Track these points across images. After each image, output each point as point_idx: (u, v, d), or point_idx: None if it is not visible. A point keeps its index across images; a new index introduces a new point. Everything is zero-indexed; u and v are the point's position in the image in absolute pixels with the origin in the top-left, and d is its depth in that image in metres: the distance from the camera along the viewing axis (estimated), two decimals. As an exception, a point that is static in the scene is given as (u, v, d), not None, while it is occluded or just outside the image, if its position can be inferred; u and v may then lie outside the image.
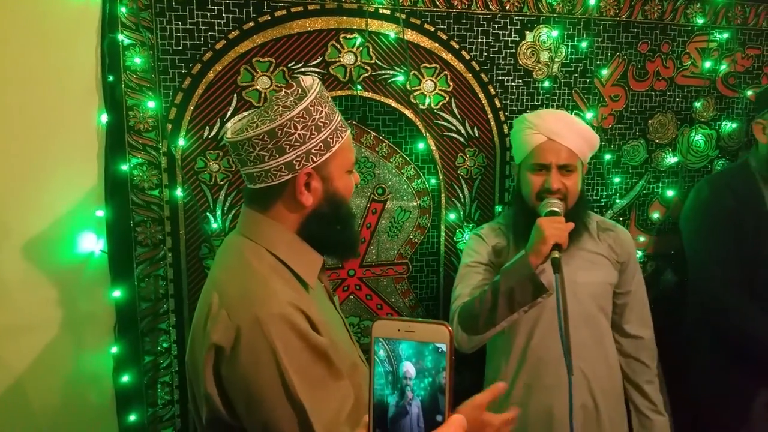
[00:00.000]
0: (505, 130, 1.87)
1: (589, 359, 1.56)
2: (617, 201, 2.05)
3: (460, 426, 0.48)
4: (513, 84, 1.87)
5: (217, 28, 1.58)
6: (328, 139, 1.05)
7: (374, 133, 1.78)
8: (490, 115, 1.86)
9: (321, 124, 1.04)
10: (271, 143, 1.01)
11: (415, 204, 1.86)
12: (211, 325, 0.96)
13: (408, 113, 1.78)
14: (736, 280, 1.76)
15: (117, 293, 1.57)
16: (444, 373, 0.48)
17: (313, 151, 1.04)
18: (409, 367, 0.48)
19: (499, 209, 1.92)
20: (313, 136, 1.03)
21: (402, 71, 1.74)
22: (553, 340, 1.53)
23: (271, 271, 1.02)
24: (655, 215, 2.10)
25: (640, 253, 2.10)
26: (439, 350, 0.48)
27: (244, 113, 1.14)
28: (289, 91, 1.05)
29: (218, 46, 1.59)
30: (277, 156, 1.02)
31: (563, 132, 1.54)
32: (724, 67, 2.08)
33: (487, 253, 1.64)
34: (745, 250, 1.74)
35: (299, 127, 1.01)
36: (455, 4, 1.76)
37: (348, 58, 1.70)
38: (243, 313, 0.94)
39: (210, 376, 0.96)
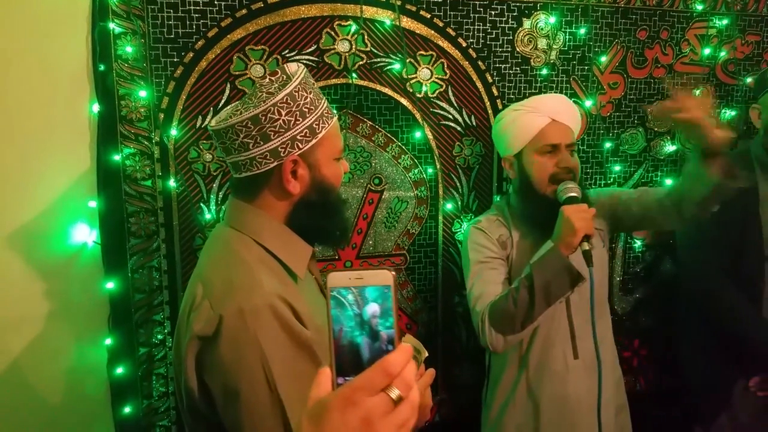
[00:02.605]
0: (503, 119, 1.85)
1: (593, 340, 1.55)
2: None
3: (407, 351, 0.54)
4: (510, 72, 1.84)
5: (209, 15, 1.56)
6: (314, 125, 1.03)
7: (370, 122, 1.76)
8: (488, 104, 1.84)
9: (306, 110, 1.02)
10: (255, 130, 0.99)
11: (412, 194, 1.84)
12: (194, 316, 0.95)
13: (404, 102, 1.76)
14: (720, 264, 1.76)
15: (111, 285, 1.56)
16: (392, 310, 0.55)
17: (298, 137, 1.01)
18: (375, 308, 0.55)
19: (498, 199, 1.90)
20: (298, 122, 1.01)
21: (398, 59, 1.72)
22: (558, 325, 1.54)
23: (258, 261, 1.00)
24: (655, 204, 2.09)
25: (639, 243, 2.08)
26: (386, 290, 0.55)
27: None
28: (273, 78, 1.04)
29: (210, 34, 1.56)
30: (262, 143, 1.00)
31: (564, 112, 1.54)
32: (723, 54, 2.05)
33: (494, 246, 1.59)
34: (732, 236, 1.73)
35: (283, 112, 0.99)
36: (451, -10, 1.74)
37: (343, 46, 1.67)
38: (226, 304, 0.92)
39: (191, 366, 0.94)
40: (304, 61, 1.64)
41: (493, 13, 1.79)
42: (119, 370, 1.59)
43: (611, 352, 1.65)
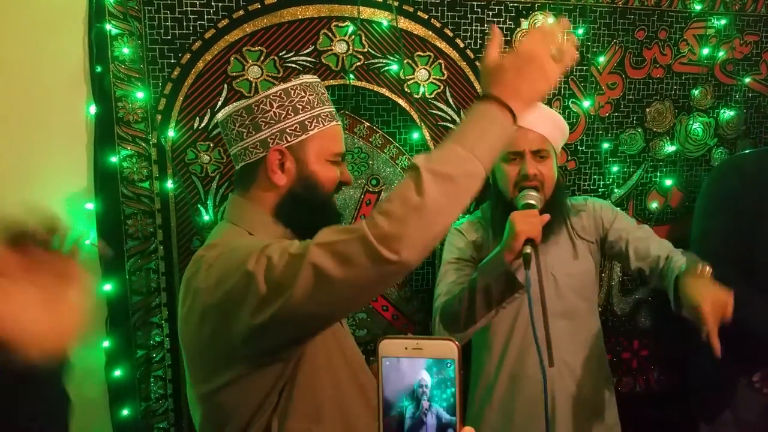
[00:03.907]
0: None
1: (571, 350, 1.56)
2: (615, 190, 2.03)
3: None
4: (508, 72, 1.84)
5: (206, 16, 1.56)
6: (306, 122, 1.07)
7: (368, 123, 1.75)
8: (486, 104, 1.83)
9: (300, 107, 1.06)
10: (248, 119, 1.06)
11: (410, 195, 1.83)
12: (199, 278, 0.97)
13: (402, 103, 1.76)
14: (728, 258, 1.73)
15: (108, 287, 1.56)
16: (455, 386, 0.49)
17: (287, 130, 1.06)
18: (424, 375, 0.49)
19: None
20: (289, 116, 1.06)
21: (395, 60, 1.72)
22: (536, 330, 1.54)
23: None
24: (654, 205, 2.08)
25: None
26: (448, 364, 0.49)
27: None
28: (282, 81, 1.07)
29: (207, 35, 1.56)
30: (254, 133, 1.06)
31: (532, 118, 1.49)
32: (722, 54, 2.05)
33: (467, 247, 1.62)
34: (742, 232, 1.71)
35: (275, 105, 1.05)
36: (449, -9, 1.73)
37: (340, 47, 1.67)
38: (220, 251, 0.98)
39: (225, 321, 0.94)
40: (302, 62, 1.64)
41: (490, 13, 1.79)
42: (117, 373, 1.58)
43: (593, 354, 1.62)
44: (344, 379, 1.10)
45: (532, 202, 1.45)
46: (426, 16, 1.73)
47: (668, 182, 2.08)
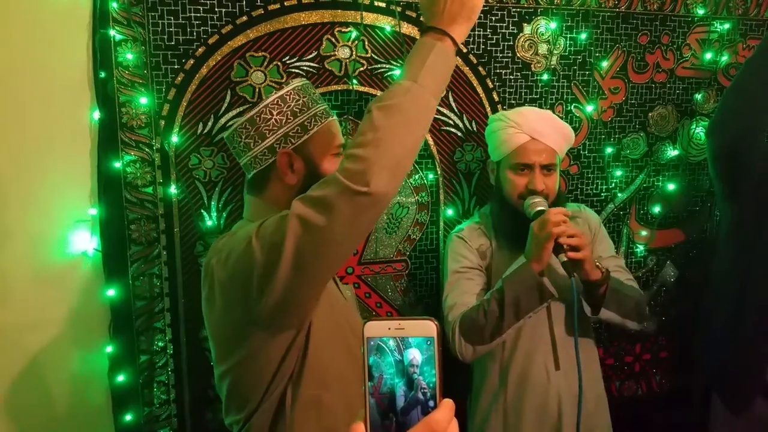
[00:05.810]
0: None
1: (574, 352, 1.55)
2: (618, 195, 2.03)
3: (451, 408, 0.53)
4: (511, 77, 1.84)
5: (209, 22, 1.56)
6: (305, 123, 1.14)
7: (371, 128, 1.75)
8: (489, 109, 1.84)
9: (297, 110, 1.14)
10: (252, 130, 1.14)
11: (413, 200, 1.84)
12: (215, 259, 1.07)
13: (405, 108, 1.76)
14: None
15: (111, 292, 1.56)
16: (435, 362, 0.52)
17: (290, 133, 1.14)
18: (415, 354, 0.52)
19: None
20: (289, 121, 1.13)
21: (398, 65, 1.72)
22: (540, 336, 1.54)
23: None
24: (656, 209, 2.08)
25: (641, 248, 2.08)
26: (428, 342, 0.52)
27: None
28: (276, 89, 1.16)
29: (211, 41, 1.56)
30: (260, 141, 1.14)
31: (546, 131, 1.52)
32: (725, 59, 2.05)
33: (473, 255, 1.61)
34: None
35: (275, 112, 1.13)
36: (452, -4, 1.73)
37: (343, 52, 1.67)
38: (238, 238, 1.06)
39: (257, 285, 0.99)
40: (305, 68, 1.64)
41: (493, 18, 1.79)
42: (120, 378, 1.58)
43: (593, 367, 1.63)
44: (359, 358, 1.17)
45: (543, 208, 1.45)
46: (429, 21, 1.72)
47: (671, 186, 2.08)
